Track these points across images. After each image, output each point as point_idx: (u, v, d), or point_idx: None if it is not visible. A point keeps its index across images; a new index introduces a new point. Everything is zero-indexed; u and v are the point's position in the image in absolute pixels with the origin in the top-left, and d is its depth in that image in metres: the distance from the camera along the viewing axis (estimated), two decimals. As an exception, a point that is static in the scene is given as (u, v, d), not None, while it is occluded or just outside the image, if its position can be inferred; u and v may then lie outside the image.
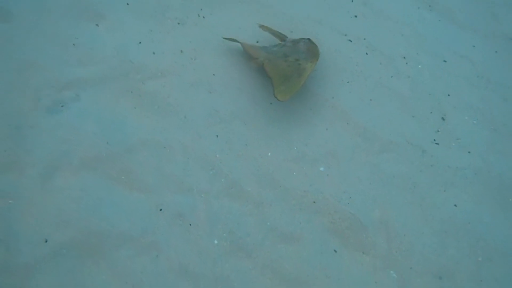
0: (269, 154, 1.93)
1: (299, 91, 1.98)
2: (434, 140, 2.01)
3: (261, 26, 2.27)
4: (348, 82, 2.21)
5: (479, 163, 1.94)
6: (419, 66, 2.22)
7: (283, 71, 2.02)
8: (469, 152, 1.97)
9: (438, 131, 2.03)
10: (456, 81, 2.17)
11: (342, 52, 2.27)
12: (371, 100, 2.12)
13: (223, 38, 2.23)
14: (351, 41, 2.27)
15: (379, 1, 2.48)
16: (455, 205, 1.92)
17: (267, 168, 1.91)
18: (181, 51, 2.13)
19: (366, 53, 2.29)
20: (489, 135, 1.99)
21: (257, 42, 2.22)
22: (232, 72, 2.13)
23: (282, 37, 2.24)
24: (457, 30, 2.34)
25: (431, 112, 2.09)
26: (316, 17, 2.33)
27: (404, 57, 2.29)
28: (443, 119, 2.06)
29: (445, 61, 2.27)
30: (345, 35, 2.30)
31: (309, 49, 2.15)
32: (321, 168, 1.92)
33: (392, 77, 2.19)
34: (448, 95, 2.19)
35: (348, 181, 1.89)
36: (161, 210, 1.75)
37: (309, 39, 2.17)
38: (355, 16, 2.40)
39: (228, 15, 2.27)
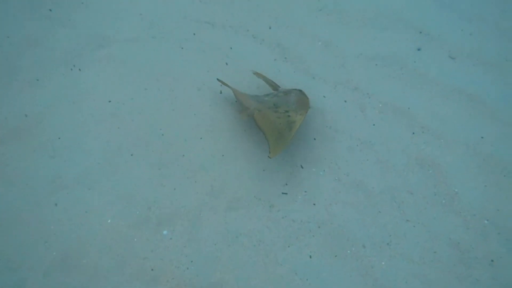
0: (109, 221, 1.80)
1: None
2: (282, 193, 1.92)
3: (256, 73, 2.25)
4: (201, 138, 2.14)
5: (323, 215, 1.88)
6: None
7: (274, 124, 1.93)
8: (314, 204, 1.91)
9: (287, 184, 1.96)
10: (309, 133, 2.11)
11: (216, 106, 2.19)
12: (223, 155, 2.03)
13: (217, 79, 2.22)
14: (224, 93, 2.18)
15: (241, 52, 2.45)
16: (298, 260, 1.86)
17: (105, 236, 1.78)
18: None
19: (209, 105, 2.22)
20: (333, 186, 1.94)
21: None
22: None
23: (274, 86, 2.19)
24: (312, 81, 2.29)
25: (282, 165, 2.00)
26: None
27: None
28: (291, 170, 1.98)
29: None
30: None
31: (299, 101, 2.09)
32: (165, 232, 1.82)
33: (245, 131, 2.10)
34: (298, 146, 2.12)
35: (192, 244, 1.80)
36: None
37: (300, 90, 2.13)
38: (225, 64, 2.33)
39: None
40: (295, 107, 2.04)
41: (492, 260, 1.76)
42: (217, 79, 2.25)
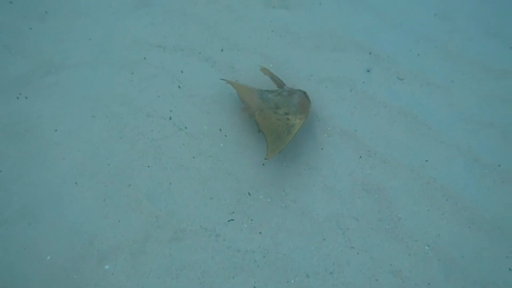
0: (48, 258, 1.74)
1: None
2: (229, 221, 1.88)
3: (263, 69, 2.23)
4: (148, 166, 2.13)
5: (268, 244, 1.85)
6: (221, 145, 2.11)
7: (273, 126, 1.94)
8: (260, 232, 1.87)
9: (233, 212, 1.92)
10: (257, 158, 2.08)
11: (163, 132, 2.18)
12: (170, 184, 1.98)
13: (221, 79, 2.21)
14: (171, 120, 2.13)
15: (193, 75, 2.43)
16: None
17: (44, 273, 1.79)
18: None
19: (158, 131, 2.21)
20: (280, 213, 1.90)
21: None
22: None
23: (280, 83, 2.17)
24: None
25: (228, 193, 1.96)
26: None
27: (208, 132, 2.23)
28: (238, 198, 1.95)
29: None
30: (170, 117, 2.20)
31: (300, 104, 2.06)
32: (106, 267, 1.76)
33: (194, 157, 2.06)
34: (246, 171, 2.10)
35: (135, 278, 1.75)
36: None
37: (304, 92, 2.11)
38: (175, 90, 2.35)
39: None
40: (295, 111, 2.04)
41: (429, 283, 1.74)
42: (221, 78, 2.28)
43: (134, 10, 2.62)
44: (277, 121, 1.92)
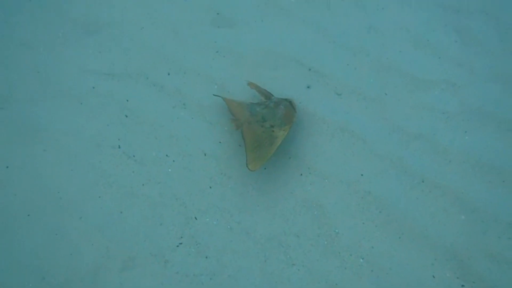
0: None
1: None
2: (177, 246, 1.94)
3: (250, 84, 2.30)
4: (99, 197, 2.18)
5: (214, 267, 1.91)
6: (169, 170, 2.15)
7: (257, 137, 2.00)
8: (206, 256, 1.94)
9: (182, 237, 1.97)
10: (203, 181, 2.13)
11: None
12: (121, 212, 2.03)
13: (213, 95, 2.28)
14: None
15: (141, 101, 2.48)
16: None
17: None
18: None
19: (108, 161, 2.26)
20: (225, 235, 1.97)
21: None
22: None
23: (268, 95, 2.24)
24: (209, 126, 2.30)
25: (177, 217, 2.02)
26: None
27: (156, 158, 2.27)
28: (186, 222, 2.00)
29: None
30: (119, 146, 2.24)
31: (285, 114, 2.11)
32: (59, 301, 1.80)
33: (143, 185, 2.10)
34: (193, 195, 2.17)
35: (86, 310, 1.79)
36: None
37: (290, 102, 2.17)
38: (123, 118, 2.40)
39: None
40: (279, 122, 2.11)
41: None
42: (214, 94, 2.36)
43: (81, 39, 2.63)
44: (262, 133, 2.01)
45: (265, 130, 2.03)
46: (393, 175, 2.11)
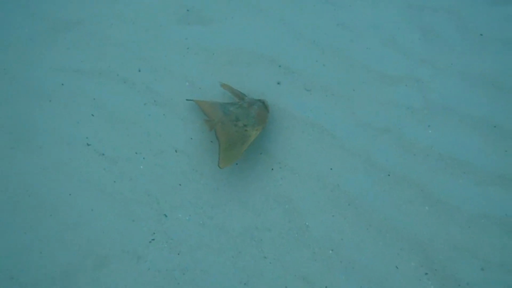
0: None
1: None
2: (150, 242, 1.94)
3: (223, 85, 2.31)
4: (70, 194, 2.17)
5: (187, 262, 1.92)
6: (141, 167, 2.14)
7: (230, 136, 2.00)
8: (179, 251, 1.94)
9: (154, 233, 1.97)
10: (175, 177, 2.12)
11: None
12: (92, 210, 2.01)
13: (186, 100, 2.32)
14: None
15: (112, 98, 2.46)
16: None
17: None
18: None
19: (78, 158, 2.25)
20: (198, 231, 1.97)
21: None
22: None
23: (241, 96, 2.25)
24: (180, 123, 2.29)
25: (149, 214, 2.01)
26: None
27: (128, 155, 2.25)
28: (159, 218, 2.00)
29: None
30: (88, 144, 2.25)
31: (259, 114, 2.12)
32: (30, 300, 1.77)
33: (115, 182, 2.09)
34: (165, 191, 2.16)
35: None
36: None
37: (263, 102, 2.18)
38: (92, 115, 2.37)
39: None
40: (253, 122, 2.12)
41: (331, 285, 1.86)
42: (187, 99, 2.38)
43: (49, 37, 2.59)
44: (235, 133, 2.01)
45: (238, 129, 2.05)
46: (361, 169, 2.16)
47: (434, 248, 1.95)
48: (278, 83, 2.44)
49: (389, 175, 2.13)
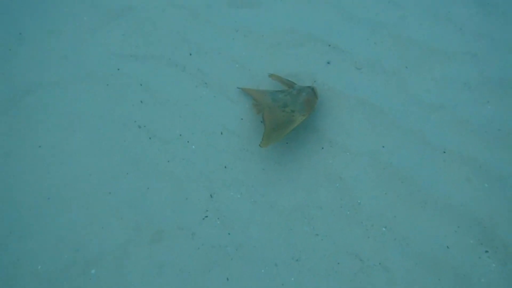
0: (39, 267, 1.84)
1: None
2: (203, 218, 1.98)
3: (271, 76, 2.33)
4: (127, 173, 2.22)
5: (240, 238, 1.94)
6: (193, 147, 2.19)
7: (277, 119, 2.04)
8: (232, 228, 1.97)
9: (207, 210, 2.01)
10: (226, 157, 2.15)
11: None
12: (148, 188, 2.07)
13: (237, 88, 2.36)
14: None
15: (164, 82, 2.51)
16: (216, 284, 1.94)
17: (37, 283, 1.92)
18: None
19: (143, 144, 2.31)
20: (250, 208, 1.99)
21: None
22: None
23: (290, 84, 2.27)
24: (230, 104, 2.32)
25: (202, 192, 2.05)
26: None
27: (181, 136, 2.30)
28: (211, 196, 2.04)
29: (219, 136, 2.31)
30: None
31: (307, 101, 2.15)
32: (92, 271, 1.87)
33: (168, 161, 2.14)
34: (216, 170, 2.20)
35: (119, 279, 1.84)
36: None
37: (313, 89, 2.19)
38: (145, 98, 2.45)
39: None
40: (300, 108, 2.13)
41: (386, 262, 1.81)
42: (237, 87, 2.40)
43: (105, 24, 2.67)
44: (282, 116, 2.02)
45: (286, 114, 2.03)
46: (414, 146, 2.10)
47: (494, 226, 1.86)
48: (328, 63, 2.40)
49: (444, 152, 2.05)
